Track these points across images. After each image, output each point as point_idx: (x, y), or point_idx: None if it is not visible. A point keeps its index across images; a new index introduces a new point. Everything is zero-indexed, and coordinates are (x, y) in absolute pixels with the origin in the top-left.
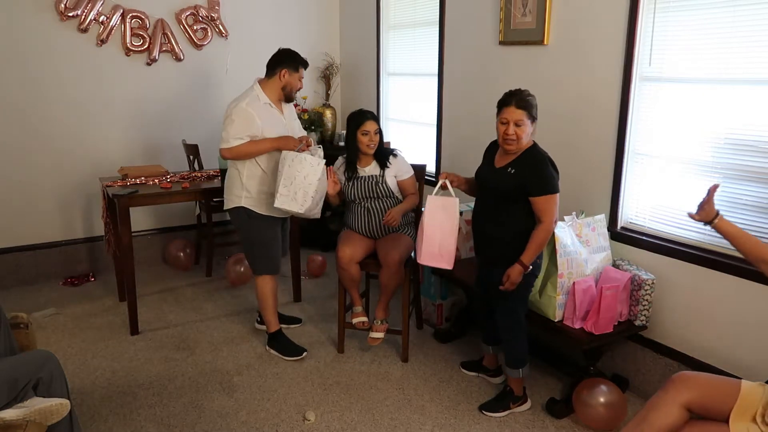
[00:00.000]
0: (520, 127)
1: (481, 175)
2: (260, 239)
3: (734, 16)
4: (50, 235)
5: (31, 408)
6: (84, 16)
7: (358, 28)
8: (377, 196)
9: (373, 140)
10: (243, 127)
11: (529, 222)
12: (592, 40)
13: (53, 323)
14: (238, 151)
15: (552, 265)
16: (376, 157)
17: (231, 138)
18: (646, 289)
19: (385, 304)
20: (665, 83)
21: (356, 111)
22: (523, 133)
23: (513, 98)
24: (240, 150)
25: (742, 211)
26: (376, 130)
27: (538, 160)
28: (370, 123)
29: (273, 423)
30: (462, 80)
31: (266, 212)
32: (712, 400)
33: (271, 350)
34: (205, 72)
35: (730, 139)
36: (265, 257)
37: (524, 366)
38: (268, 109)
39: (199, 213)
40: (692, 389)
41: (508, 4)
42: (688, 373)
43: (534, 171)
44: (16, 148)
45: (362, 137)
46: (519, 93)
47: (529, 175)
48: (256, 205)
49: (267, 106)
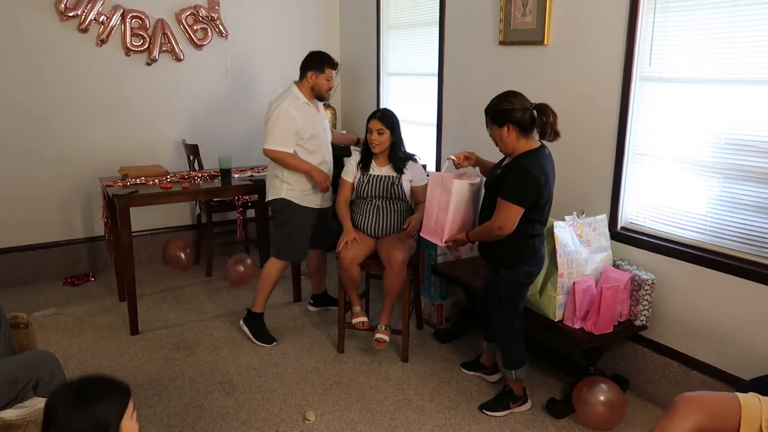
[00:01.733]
0: (382, 136)
1: (487, 176)
2: (297, 228)
3: (734, 16)
4: (50, 235)
5: (31, 408)
6: (84, 16)
7: (358, 28)
8: (390, 196)
9: (375, 139)
10: (287, 129)
11: (521, 224)
12: (592, 40)
13: (53, 323)
14: (281, 158)
15: (552, 265)
16: (391, 160)
17: (277, 142)
18: (646, 289)
19: (389, 310)
20: (665, 83)
21: (377, 109)
22: (496, 137)
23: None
24: (283, 158)
25: (742, 211)
26: (379, 129)
27: (519, 166)
28: (375, 122)
29: (273, 423)
30: (462, 80)
31: (305, 204)
32: (719, 420)
33: (244, 326)
34: (205, 72)
35: (731, 139)
36: (294, 244)
37: (520, 368)
38: (306, 108)
39: (199, 213)
40: (697, 412)
41: (508, 4)
42: (689, 395)
43: (510, 176)
44: (16, 147)
45: (368, 135)
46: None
47: (506, 177)
48: (297, 197)
49: (305, 105)
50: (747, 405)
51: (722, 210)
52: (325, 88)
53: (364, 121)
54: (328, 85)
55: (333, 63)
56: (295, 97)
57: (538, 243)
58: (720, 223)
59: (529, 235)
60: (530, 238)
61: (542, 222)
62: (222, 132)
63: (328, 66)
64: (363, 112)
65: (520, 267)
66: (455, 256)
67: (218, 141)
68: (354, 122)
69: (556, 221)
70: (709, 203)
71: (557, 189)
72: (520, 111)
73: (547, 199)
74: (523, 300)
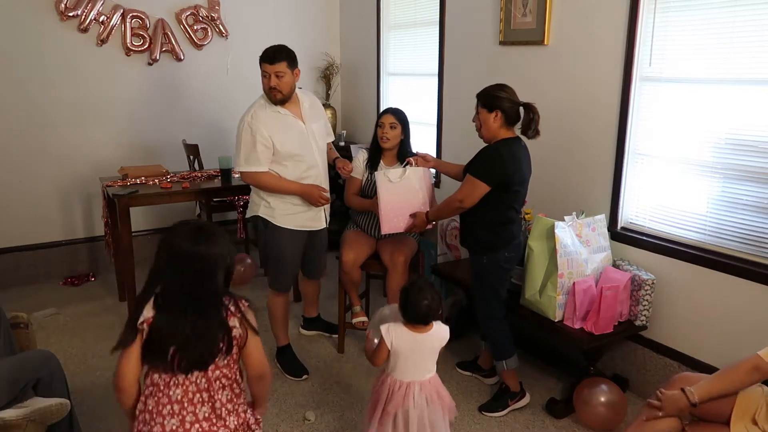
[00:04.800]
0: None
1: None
2: (274, 253)
3: (734, 16)
4: (50, 234)
5: (31, 408)
6: (84, 16)
7: (358, 28)
8: None
9: (386, 133)
10: (251, 143)
11: (496, 211)
12: (592, 40)
13: (53, 323)
14: (257, 180)
15: (552, 265)
16: (399, 158)
17: (246, 160)
18: (646, 289)
19: None
20: (665, 83)
21: (387, 107)
22: (481, 121)
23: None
24: (259, 179)
25: (742, 211)
26: (392, 123)
27: (492, 149)
28: (388, 116)
29: (273, 423)
30: (462, 80)
31: (283, 224)
32: (712, 402)
33: (277, 364)
34: (206, 72)
35: (731, 139)
36: (275, 272)
37: (509, 358)
38: (277, 116)
39: (199, 213)
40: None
41: (508, 4)
42: (687, 374)
43: (481, 154)
44: (16, 147)
45: (379, 129)
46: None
47: (477, 155)
48: (276, 217)
49: (275, 113)
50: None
51: (722, 210)
52: (265, 88)
53: (364, 121)
54: (266, 84)
55: (264, 56)
56: (262, 105)
57: (515, 229)
58: (720, 223)
59: (506, 219)
60: (507, 223)
61: (516, 209)
62: (222, 132)
63: (261, 60)
64: (363, 112)
65: (500, 252)
66: (455, 256)
67: (218, 141)
68: (354, 122)
69: (556, 221)
70: (709, 203)
71: (557, 189)
72: (511, 102)
73: (519, 185)
74: (504, 288)
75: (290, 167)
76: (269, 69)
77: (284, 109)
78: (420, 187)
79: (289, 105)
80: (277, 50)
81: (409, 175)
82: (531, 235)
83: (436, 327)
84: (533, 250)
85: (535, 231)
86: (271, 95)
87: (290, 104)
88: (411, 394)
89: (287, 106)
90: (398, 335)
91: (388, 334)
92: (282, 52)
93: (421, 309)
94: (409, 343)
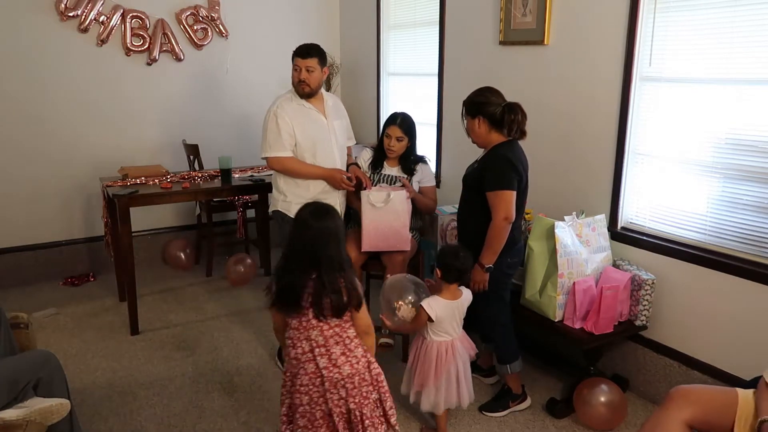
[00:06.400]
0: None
1: (465, 171)
2: None
3: (734, 16)
4: (50, 235)
5: (31, 408)
6: (84, 16)
7: (358, 28)
8: None
9: (392, 146)
10: (276, 130)
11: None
12: (592, 40)
13: (53, 323)
14: (282, 164)
15: (552, 265)
16: (401, 162)
17: (270, 146)
18: (646, 289)
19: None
20: (665, 83)
21: (395, 112)
22: (468, 129)
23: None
24: (284, 163)
25: (742, 211)
26: (398, 137)
27: (497, 156)
28: (394, 128)
29: (273, 423)
30: (462, 80)
31: None
32: (714, 413)
33: (278, 362)
34: (205, 72)
35: (731, 139)
36: None
37: (513, 362)
38: (302, 109)
39: (200, 213)
40: (692, 405)
41: (508, 4)
42: (685, 387)
43: (489, 166)
44: (16, 147)
45: (385, 138)
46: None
47: (485, 169)
48: (290, 209)
49: (300, 106)
50: (744, 400)
51: (722, 210)
52: (295, 80)
53: (364, 121)
54: (296, 77)
55: (298, 51)
56: (288, 98)
57: (516, 233)
58: (720, 223)
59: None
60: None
61: (517, 212)
62: (222, 132)
63: (294, 55)
64: (363, 112)
65: (503, 258)
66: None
67: (218, 141)
68: (354, 122)
69: (556, 221)
70: (709, 203)
71: (557, 189)
72: (493, 105)
73: (522, 188)
74: (507, 292)
75: (308, 160)
76: (301, 63)
77: (309, 103)
78: (402, 209)
79: (313, 100)
80: (311, 47)
81: (393, 199)
82: (531, 235)
83: (465, 292)
84: (533, 250)
85: (535, 231)
86: (299, 88)
87: (315, 100)
88: (456, 350)
89: (312, 101)
90: (440, 307)
91: (431, 309)
92: (314, 49)
93: (462, 266)
94: (449, 309)
